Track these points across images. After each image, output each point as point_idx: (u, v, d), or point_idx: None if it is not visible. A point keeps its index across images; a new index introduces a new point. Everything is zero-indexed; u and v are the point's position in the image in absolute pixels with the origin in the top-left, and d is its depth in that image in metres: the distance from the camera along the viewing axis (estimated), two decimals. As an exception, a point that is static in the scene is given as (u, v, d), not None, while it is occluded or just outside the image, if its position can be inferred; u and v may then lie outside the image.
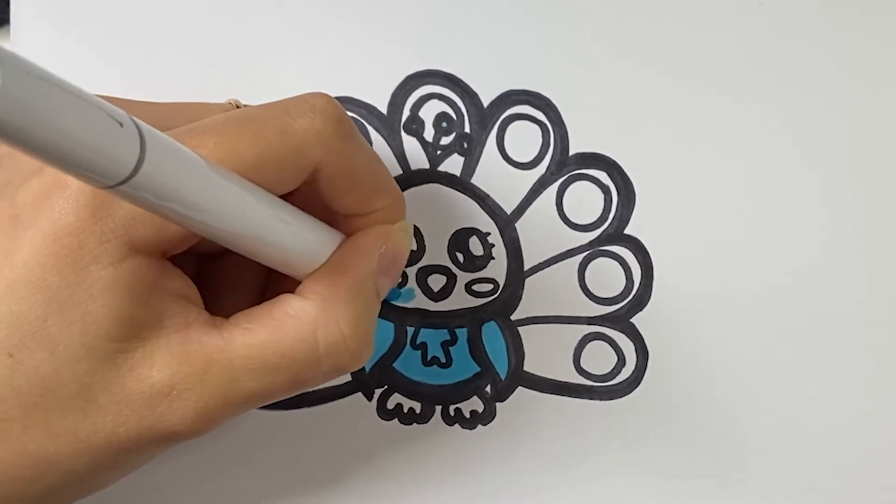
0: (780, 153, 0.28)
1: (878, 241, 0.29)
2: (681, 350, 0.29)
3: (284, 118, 0.21)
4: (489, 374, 0.29)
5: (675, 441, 0.29)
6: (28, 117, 0.14)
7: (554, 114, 0.28)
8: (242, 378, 0.21)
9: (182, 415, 0.21)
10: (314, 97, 0.22)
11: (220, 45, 0.28)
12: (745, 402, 0.29)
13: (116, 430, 0.21)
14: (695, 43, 0.28)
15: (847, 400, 0.29)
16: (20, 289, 0.20)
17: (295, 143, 0.21)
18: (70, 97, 0.15)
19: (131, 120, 0.17)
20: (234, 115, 0.22)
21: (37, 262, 0.20)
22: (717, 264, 0.29)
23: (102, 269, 0.20)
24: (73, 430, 0.20)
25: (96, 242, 0.20)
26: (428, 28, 0.28)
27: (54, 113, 0.15)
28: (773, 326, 0.29)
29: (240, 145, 0.20)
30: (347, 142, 0.22)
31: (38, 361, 0.20)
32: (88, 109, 0.16)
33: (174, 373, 0.21)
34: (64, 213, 0.20)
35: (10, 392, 0.20)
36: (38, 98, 0.14)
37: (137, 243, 0.20)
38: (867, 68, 0.28)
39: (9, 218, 0.20)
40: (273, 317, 0.21)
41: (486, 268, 0.29)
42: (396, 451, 0.29)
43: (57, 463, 0.21)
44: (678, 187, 0.29)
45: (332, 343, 0.21)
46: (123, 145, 0.16)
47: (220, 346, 0.21)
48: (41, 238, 0.20)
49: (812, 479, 0.29)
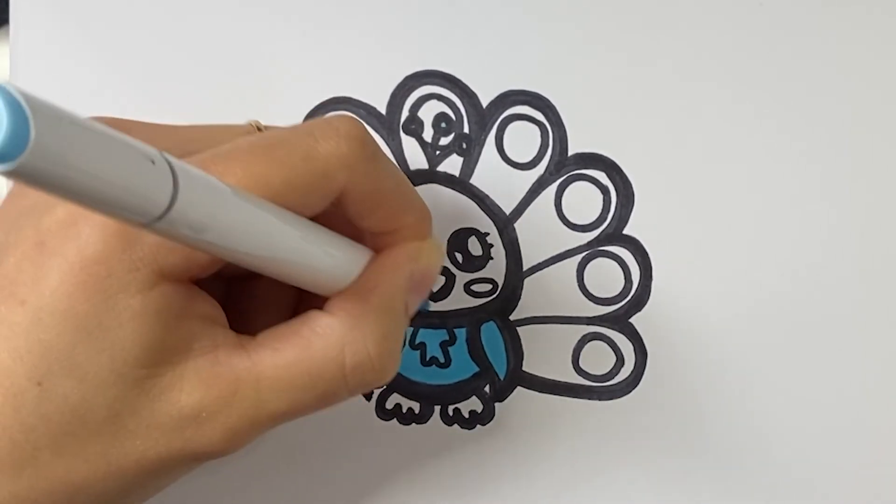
0: (779, 153, 0.28)
1: (878, 242, 0.29)
2: (679, 350, 0.29)
3: (309, 142, 0.21)
4: (488, 375, 0.29)
5: (674, 441, 0.29)
6: (62, 166, 0.14)
7: (553, 114, 0.28)
8: (270, 398, 0.21)
9: (211, 436, 0.21)
10: (338, 120, 0.22)
11: (220, 46, 0.28)
12: (743, 401, 0.29)
13: (146, 453, 0.21)
14: (695, 43, 0.28)
15: (847, 400, 0.29)
16: (48, 318, 0.20)
17: (321, 168, 0.21)
18: (102, 139, 0.15)
19: (162, 156, 0.16)
20: (259, 140, 0.21)
21: (64, 290, 0.20)
22: (715, 264, 0.29)
23: (131, 297, 0.20)
24: (103, 454, 0.20)
25: (125, 271, 0.20)
26: (427, 28, 0.28)
27: (88, 158, 0.15)
28: (773, 326, 0.29)
29: (267, 172, 0.20)
30: (373, 163, 0.22)
31: (66, 390, 0.20)
32: (121, 150, 0.16)
33: (203, 396, 0.21)
34: (91, 240, 0.20)
35: (40, 420, 0.20)
36: (71, 145, 0.14)
37: (166, 271, 0.20)
38: (868, 68, 0.28)
39: (34, 244, 0.20)
40: (301, 335, 0.21)
41: (485, 268, 0.29)
42: (395, 451, 0.29)
43: (87, 487, 0.21)
44: (677, 187, 0.29)
45: (358, 362, 0.21)
46: (156, 183, 0.16)
47: (247, 367, 0.21)
48: (68, 266, 0.20)
49: (812, 478, 0.29)
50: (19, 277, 0.20)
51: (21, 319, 0.20)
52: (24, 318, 0.20)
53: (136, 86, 0.28)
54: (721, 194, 0.28)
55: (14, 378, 0.20)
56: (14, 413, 0.20)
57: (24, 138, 0.13)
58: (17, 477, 0.20)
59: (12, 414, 0.20)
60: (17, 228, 0.21)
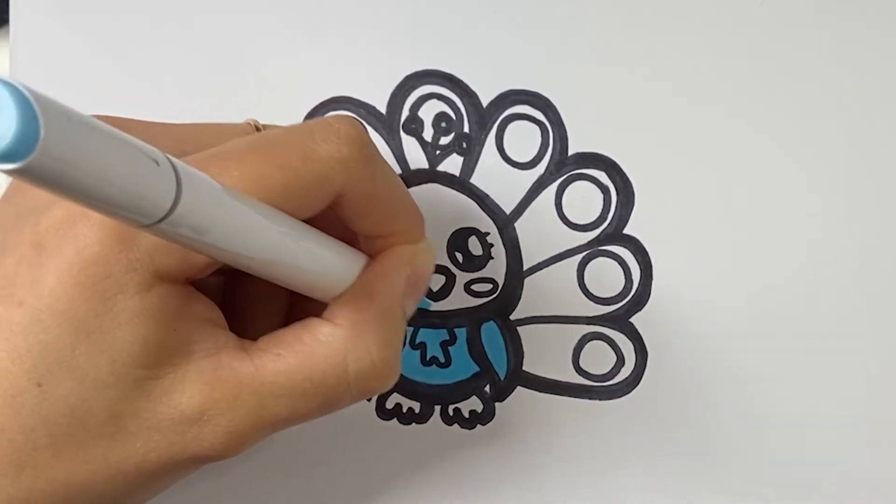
0: (780, 153, 0.28)
1: (878, 242, 0.29)
2: (680, 350, 0.29)
3: (309, 144, 0.21)
4: (488, 374, 0.29)
5: (674, 440, 0.29)
6: (69, 165, 0.14)
7: (553, 114, 0.28)
8: (272, 403, 0.21)
9: (213, 439, 0.21)
10: (338, 121, 0.22)
11: (220, 46, 0.28)
12: (743, 401, 0.29)
13: (147, 455, 0.21)
14: (695, 43, 0.28)
15: (848, 399, 0.29)
16: (47, 318, 0.20)
17: (319, 170, 0.21)
18: (109, 139, 0.15)
19: (165, 157, 0.16)
20: (257, 140, 0.21)
21: (63, 291, 0.20)
22: (716, 264, 0.29)
23: (129, 298, 0.20)
24: (103, 456, 0.20)
25: (122, 272, 0.20)
26: (427, 28, 0.28)
27: (95, 158, 0.15)
28: (772, 326, 0.29)
29: (265, 173, 0.20)
30: (371, 167, 0.22)
31: (66, 391, 0.20)
32: (126, 151, 0.16)
33: (205, 398, 0.21)
34: (89, 242, 0.20)
35: (39, 421, 0.20)
36: (79, 145, 0.14)
37: (163, 271, 0.20)
38: (868, 68, 0.28)
39: (32, 245, 0.20)
40: (303, 342, 0.21)
41: (485, 267, 0.29)
42: (395, 450, 0.29)
43: (87, 489, 0.21)
44: (677, 187, 0.28)
45: (362, 368, 0.22)
46: (160, 185, 0.16)
47: (251, 372, 0.21)
48: (66, 267, 0.20)
49: (812, 478, 0.29)
50: (17, 279, 0.20)
51: (20, 320, 0.20)
52: (23, 319, 0.20)
53: (135, 85, 0.28)
54: (721, 194, 0.28)
55: (13, 379, 0.20)
56: (14, 414, 0.20)
57: (34, 137, 0.13)
58: (16, 478, 0.20)
59: (12, 415, 0.20)
60: (15, 230, 0.21)
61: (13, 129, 0.13)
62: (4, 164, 0.13)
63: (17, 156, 0.13)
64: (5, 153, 0.13)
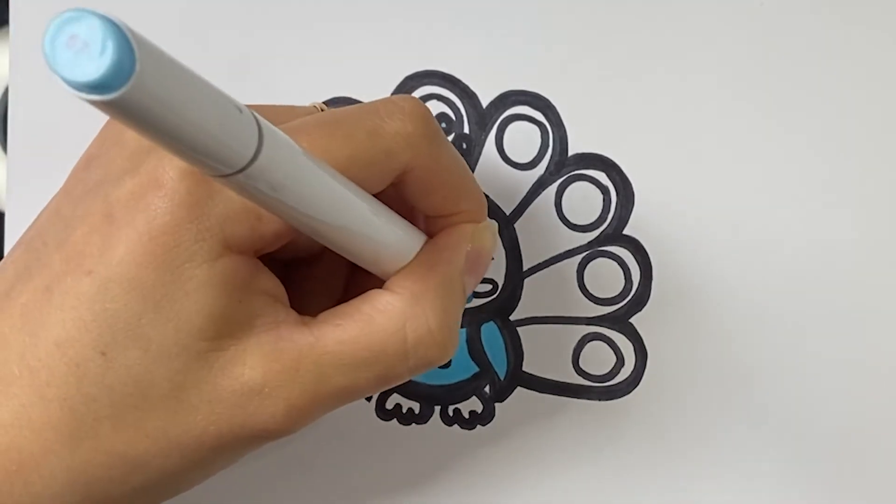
0: (780, 153, 0.28)
1: (880, 242, 0.29)
2: (679, 350, 0.29)
3: (375, 120, 0.21)
4: (488, 375, 0.29)
5: (674, 441, 0.29)
6: (160, 103, 0.14)
7: (553, 114, 0.28)
8: (332, 374, 0.21)
9: (273, 412, 0.21)
10: (403, 100, 0.22)
11: (221, 45, 0.29)
12: (744, 401, 0.29)
13: (207, 428, 0.21)
14: (695, 43, 0.28)
15: (848, 399, 0.29)
16: (115, 287, 0.20)
17: (385, 145, 0.21)
18: (197, 82, 0.15)
19: (248, 109, 0.16)
20: (324, 116, 0.22)
21: (132, 260, 0.20)
22: (715, 264, 0.29)
23: (197, 267, 0.20)
24: (163, 429, 0.20)
25: (192, 241, 0.20)
26: (427, 29, 0.28)
27: (184, 98, 0.15)
28: (773, 326, 0.29)
29: (332, 145, 0.20)
30: (435, 144, 0.22)
31: (130, 360, 0.20)
32: (213, 95, 0.15)
33: (266, 371, 0.21)
34: (160, 211, 0.20)
35: (103, 391, 0.20)
36: (170, 83, 0.14)
37: (231, 242, 0.20)
38: (869, 68, 0.28)
39: (103, 216, 0.20)
40: (363, 312, 0.22)
41: (485, 268, 0.29)
42: (395, 451, 0.29)
43: (146, 463, 0.20)
44: (677, 188, 0.29)
45: (420, 336, 0.22)
46: (243, 133, 0.16)
47: (310, 343, 0.21)
48: (136, 236, 0.20)
49: (812, 477, 0.29)
50: (87, 249, 0.20)
51: (87, 289, 0.20)
52: (90, 288, 0.20)
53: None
54: (721, 194, 0.29)
55: (78, 347, 0.20)
56: (76, 383, 0.20)
57: (129, 69, 0.13)
58: (75, 449, 0.20)
59: (75, 384, 0.20)
60: (85, 202, 0.21)
61: (109, 59, 0.13)
62: (98, 94, 0.13)
63: (111, 87, 0.13)
64: (100, 83, 0.13)
